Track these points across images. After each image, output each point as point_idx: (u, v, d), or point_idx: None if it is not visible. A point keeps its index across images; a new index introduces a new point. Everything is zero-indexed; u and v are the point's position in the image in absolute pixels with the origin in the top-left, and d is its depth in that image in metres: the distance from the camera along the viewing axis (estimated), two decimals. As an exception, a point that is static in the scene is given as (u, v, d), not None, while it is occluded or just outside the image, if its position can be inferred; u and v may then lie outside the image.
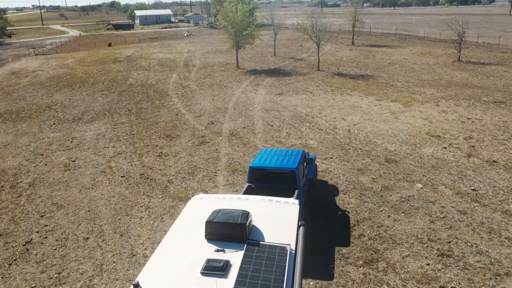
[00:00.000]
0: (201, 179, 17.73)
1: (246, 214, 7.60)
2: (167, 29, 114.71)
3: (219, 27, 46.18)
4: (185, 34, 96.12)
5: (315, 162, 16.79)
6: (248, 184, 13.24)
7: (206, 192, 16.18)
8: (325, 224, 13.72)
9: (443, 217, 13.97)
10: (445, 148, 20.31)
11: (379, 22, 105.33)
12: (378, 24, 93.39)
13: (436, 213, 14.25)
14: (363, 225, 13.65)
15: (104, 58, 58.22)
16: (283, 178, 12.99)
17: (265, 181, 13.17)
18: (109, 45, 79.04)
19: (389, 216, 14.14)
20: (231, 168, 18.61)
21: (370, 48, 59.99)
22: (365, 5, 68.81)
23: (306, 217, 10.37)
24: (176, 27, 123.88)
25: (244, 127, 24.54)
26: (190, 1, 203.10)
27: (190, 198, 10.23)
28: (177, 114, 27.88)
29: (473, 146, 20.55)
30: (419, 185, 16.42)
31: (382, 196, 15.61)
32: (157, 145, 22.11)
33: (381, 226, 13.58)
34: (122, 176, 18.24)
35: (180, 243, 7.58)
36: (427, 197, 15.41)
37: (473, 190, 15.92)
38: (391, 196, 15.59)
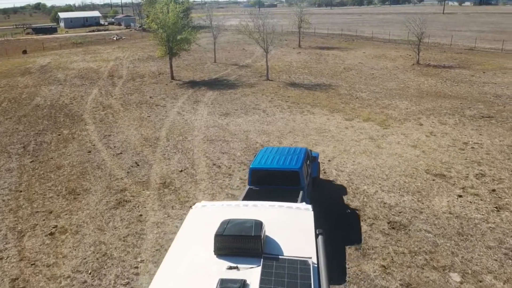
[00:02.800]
0: (113, 283, 10.80)
1: (259, 225, 6.89)
2: (95, 33, 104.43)
3: (151, 30, 38.44)
4: (114, 38, 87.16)
5: (318, 160, 15.73)
6: (249, 187, 12.52)
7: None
8: None
9: None
10: (460, 196, 14.74)
11: (321, 22, 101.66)
12: (320, 24, 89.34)
13: None
14: None
15: (13, 69, 48.80)
16: (286, 179, 12.31)
17: (267, 183, 12.47)
18: (24, 52, 68.57)
19: None
20: (163, 254, 11.80)
21: (319, 50, 54.94)
22: (302, 5, 64.54)
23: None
24: (105, 30, 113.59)
25: (182, 171, 17.77)
26: (121, 2, 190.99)
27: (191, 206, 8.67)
28: (89, 152, 20.54)
29: (493, 190, 15.17)
30: (456, 277, 10.53)
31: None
32: (51, 212, 14.83)
33: None
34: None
35: (187, 261, 6.76)
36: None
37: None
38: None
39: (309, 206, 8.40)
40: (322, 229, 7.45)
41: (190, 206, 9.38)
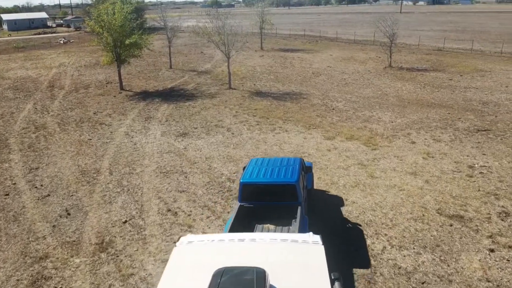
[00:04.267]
0: None
1: (262, 276, 5.77)
2: (41, 36, 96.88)
3: (94, 33, 33.42)
4: (61, 41, 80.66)
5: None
6: (239, 204, 11.19)
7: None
8: None
9: None
10: (492, 251, 11.31)
11: (281, 22, 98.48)
12: (280, 25, 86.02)
13: None
14: None
15: None
16: (281, 194, 11.12)
17: (259, 199, 11.28)
18: (-45, 59, 61.09)
19: None
20: None
21: (283, 53, 51.41)
22: (263, 5, 61.21)
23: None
24: (52, 33, 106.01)
25: (126, 221, 13.50)
26: (70, 3, 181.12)
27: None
28: (7, 195, 15.89)
29: (530, 238, 11.79)
30: None
31: None
32: None
33: None
34: None
35: None
36: None
37: None
38: None
39: (318, 238, 7.42)
40: (337, 272, 6.55)
41: (175, 242, 8.15)
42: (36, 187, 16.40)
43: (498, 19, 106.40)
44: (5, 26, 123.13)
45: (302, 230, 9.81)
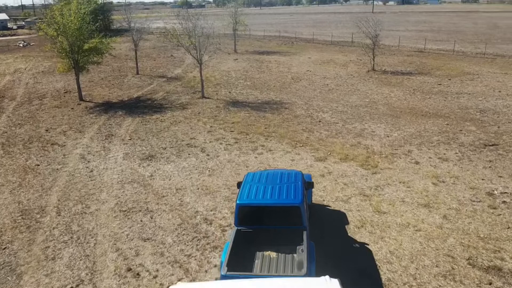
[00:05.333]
0: None
1: None
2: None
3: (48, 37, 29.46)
4: (21, 45, 75.45)
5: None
6: (236, 229, 9.96)
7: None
8: None
9: None
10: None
11: (254, 23, 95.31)
12: (253, 26, 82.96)
13: None
14: None
15: None
16: (284, 217, 10.06)
17: (259, 222, 10.22)
18: None
19: None
20: None
21: (258, 56, 48.49)
22: (236, 5, 58.21)
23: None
24: (12, 35, 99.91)
25: (71, 289, 10.19)
26: (33, 3, 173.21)
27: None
28: None
29: None
30: None
31: None
32: None
33: None
34: None
35: None
36: None
37: None
38: None
39: (337, 284, 6.58)
40: None
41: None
42: (-41, 237, 12.88)
43: (469, 19, 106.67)
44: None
45: (310, 260, 8.90)
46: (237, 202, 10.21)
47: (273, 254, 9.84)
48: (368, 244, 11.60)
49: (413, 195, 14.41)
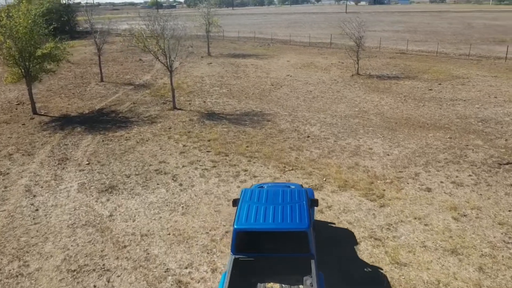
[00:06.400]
0: None
1: None
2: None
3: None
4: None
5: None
6: (233, 257, 8.71)
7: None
8: None
9: None
10: None
11: (227, 24, 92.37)
12: (227, 27, 79.98)
13: None
14: None
15: None
16: (288, 243, 8.95)
17: (260, 249, 9.04)
18: None
19: None
20: None
21: (233, 59, 45.48)
22: (209, 5, 55.13)
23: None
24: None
25: None
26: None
27: None
28: None
29: None
30: None
31: None
32: None
33: None
34: None
35: None
36: None
37: None
38: None
39: None
40: None
41: None
42: None
43: (442, 18, 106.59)
44: None
45: None
46: (235, 226, 8.98)
47: (276, 286, 8.71)
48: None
49: (435, 237, 11.75)
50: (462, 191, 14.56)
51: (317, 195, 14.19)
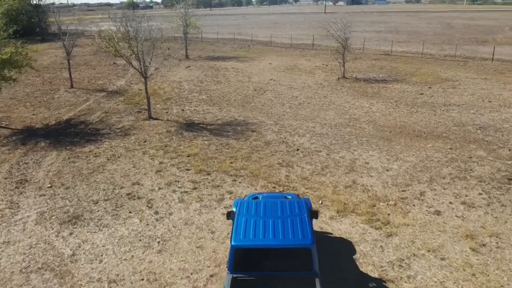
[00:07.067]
0: None
1: None
2: None
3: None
4: None
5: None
6: (232, 276, 8.18)
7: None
8: None
9: None
10: None
11: (205, 24, 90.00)
12: (205, 28, 77.78)
13: None
14: None
15: None
16: (290, 261, 8.31)
17: (259, 268, 8.35)
18: None
19: None
20: None
21: (213, 62, 43.44)
22: (179, 5, 53.03)
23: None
24: None
25: None
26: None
27: None
28: None
29: None
30: None
31: None
32: None
33: None
34: None
35: None
36: None
37: None
38: None
39: None
40: None
41: None
42: None
43: (420, 19, 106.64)
44: None
45: None
46: (232, 243, 8.44)
47: None
48: None
49: (455, 275, 10.07)
50: (474, 213, 12.96)
51: (314, 223, 12.34)
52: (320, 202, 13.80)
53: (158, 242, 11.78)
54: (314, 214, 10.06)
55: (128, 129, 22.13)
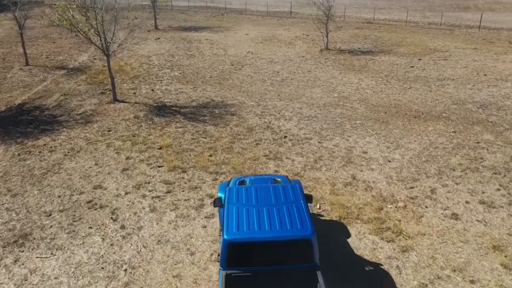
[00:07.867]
0: None
1: None
2: None
3: None
4: None
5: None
6: (225, 273, 7.46)
7: None
8: None
9: None
10: None
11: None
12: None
13: None
14: None
15: None
16: (289, 254, 7.66)
17: (255, 262, 7.65)
18: None
19: None
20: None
21: (185, 34, 40.19)
22: None
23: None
24: None
25: None
26: None
27: None
28: None
29: None
30: None
31: None
32: None
33: None
34: None
35: None
36: None
37: None
38: None
39: None
40: None
41: None
42: None
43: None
44: None
45: None
46: (225, 237, 7.56)
47: None
48: None
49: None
50: (497, 215, 11.16)
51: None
52: (317, 206, 11.71)
53: (125, 270, 9.52)
54: (309, 199, 9.30)
55: (90, 115, 19.37)
